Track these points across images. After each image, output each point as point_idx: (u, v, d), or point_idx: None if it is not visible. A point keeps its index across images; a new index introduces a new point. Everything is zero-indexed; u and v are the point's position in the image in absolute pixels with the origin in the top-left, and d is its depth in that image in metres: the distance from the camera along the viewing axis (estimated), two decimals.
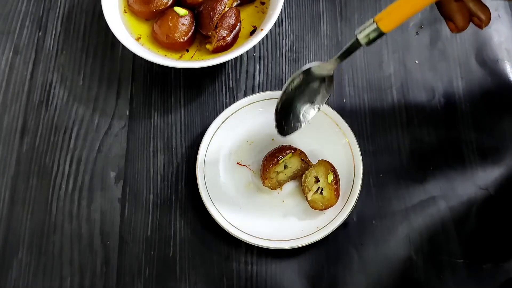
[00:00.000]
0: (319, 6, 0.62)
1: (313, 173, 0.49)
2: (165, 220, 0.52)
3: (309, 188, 0.48)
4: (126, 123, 0.56)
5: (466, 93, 0.57)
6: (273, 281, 0.49)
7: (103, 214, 0.52)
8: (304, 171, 0.50)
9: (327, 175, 0.48)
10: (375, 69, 0.59)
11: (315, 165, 0.49)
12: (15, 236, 0.51)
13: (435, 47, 0.60)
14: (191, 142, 0.55)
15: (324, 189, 0.48)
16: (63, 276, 0.50)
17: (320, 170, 0.49)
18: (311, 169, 0.49)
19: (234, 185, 0.52)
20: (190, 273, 0.50)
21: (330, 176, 0.48)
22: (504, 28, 0.61)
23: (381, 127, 0.56)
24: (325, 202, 0.48)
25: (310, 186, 0.48)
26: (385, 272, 0.49)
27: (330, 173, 0.48)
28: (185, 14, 0.54)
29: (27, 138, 0.56)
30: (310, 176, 0.49)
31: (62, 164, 0.54)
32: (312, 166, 0.49)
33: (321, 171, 0.49)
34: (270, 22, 0.53)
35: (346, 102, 0.57)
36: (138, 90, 0.58)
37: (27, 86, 0.58)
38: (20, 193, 0.53)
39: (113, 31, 0.53)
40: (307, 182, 0.49)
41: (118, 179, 0.54)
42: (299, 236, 0.48)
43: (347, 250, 0.50)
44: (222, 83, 0.58)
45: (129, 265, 0.50)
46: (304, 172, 0.50)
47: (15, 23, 0.61)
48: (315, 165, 0.49)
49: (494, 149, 0.55)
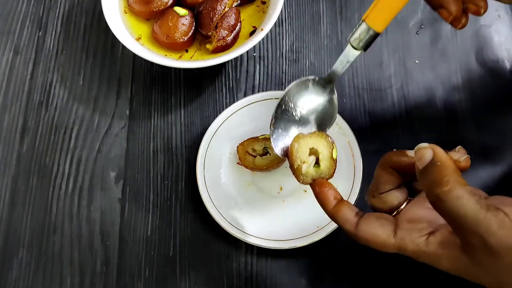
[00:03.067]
0: (319, 6, 0.62)
1: (308, 143, 0.40)
2: (165, 220, 0.52)
3: (302, 160, 0.39)
4: (126, 123, 0.56)
5: (466, 93, 0.57)
6: (273, 281, 0.49)
7: (103, 214, 0.52)
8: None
9: (332, 149, 0.40)
10: (375, 69, 0.59)
11: (310, 135, 0.41)
12: (15, 236, 0.51)
13: (435, 47, 0.60)
14: (191, 142, 0.55)
15: (325, 162, 0.40)
16: (63, 276, 0.50)
17: (320, 143, 0.40)
18: (306, 139, 0.40)
19: (234, 185, 0.52)
20: (190, 273, 0.50)
21: (335, 151, 0.40)
22: (504, 28, 0.61)
23: (381, 127, 0.56)
24: (318, 175, 0.39)
25: (304, 158, 0.40)
26: (385, 272, 0.49)
27: (335, 148, 0.40)
28: (185, 14, 0.54)
29: (27, 138, 0.56)
30: (304, 147, 0.40)
31: (62, 164, 0.54)
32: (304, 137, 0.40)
33: (321, 143, 0.40)
34: (270, 22, 0.53)
35: (346, 102, 0.57)
36: (138, 90, 0.58)
37: (27, 86, 0.58)
38: (20, 193, 0.53)
39: (113, 31, 0.53)
40: (299, 152, 0.40)
41: (118, 179, 0.54)
42: (299, 236, 0.48)
43: (347, 250, 0.50)
44: (222, 83, 0.58)
45: (129, 265, 0.50)
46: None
47: (15, 23, 0.61)
48: (310, 135, 0.41)
49: (494, 149, 0.55)
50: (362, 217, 0.33)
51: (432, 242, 0.30)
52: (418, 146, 0.30)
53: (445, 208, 0.28)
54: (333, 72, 0.40)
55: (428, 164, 0.29)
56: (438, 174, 0.28)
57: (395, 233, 0.31)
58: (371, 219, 0.32)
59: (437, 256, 0.30)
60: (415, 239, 0.30)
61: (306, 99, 0.41)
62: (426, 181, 0.29)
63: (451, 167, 0.28)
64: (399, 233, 0.31)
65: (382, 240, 0.31)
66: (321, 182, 0.37)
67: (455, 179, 0.28)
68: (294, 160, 0.39)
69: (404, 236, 0.31)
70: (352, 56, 0.38)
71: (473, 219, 0.27)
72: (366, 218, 0.33)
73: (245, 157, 0.51)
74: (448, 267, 0.30)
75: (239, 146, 0.51)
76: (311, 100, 0.41)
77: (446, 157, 0.29)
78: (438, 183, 0.28)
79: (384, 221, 0.32)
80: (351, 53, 0.38)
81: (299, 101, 0.41)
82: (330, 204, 0.35)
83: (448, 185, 0.28)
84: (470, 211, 0.27)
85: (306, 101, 0.41)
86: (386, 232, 0.31)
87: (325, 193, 0.35)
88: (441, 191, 0.28)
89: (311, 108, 0.41)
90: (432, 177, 0.28)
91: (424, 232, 0.31)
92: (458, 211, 0.27)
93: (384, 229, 0.32)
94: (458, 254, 0.29)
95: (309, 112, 0.41)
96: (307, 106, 0.41)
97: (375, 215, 0.33)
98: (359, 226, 0.32)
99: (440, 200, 0.28)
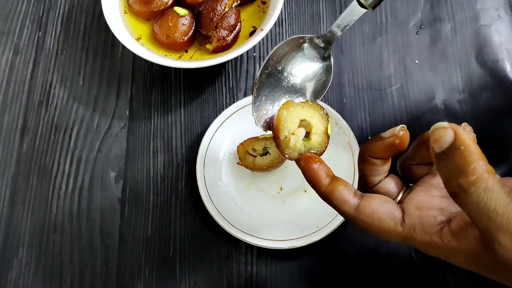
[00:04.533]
0: (319, 6, 0.62)
1: (300, 113, 0.33)
2: (165, 220, 0.52)
3: (290, 130, 0.33)
4: (126, 123, 0.56)
5: (466, 93, 0.57)
6: (273, 281, 0.49)
7: (103, 214, 0.52)
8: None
9: (327, 124, 0.34)
10: (375, 69, 0.59)
11: (303, 104, 0.33)
12: (15, 236, 0.51)
13: (435, 47, 0.60)
14: (191, 142, 0.55)
15: (316, 136, 0.33)
16: (63, 276, 0.50)
17: (313, 114, 0.33)
18: (297, 108, 0.33)
19: (234, 185, 0.52)
20: (190, 273, 0.50)
21: (329, 126, 0.34)
22: (504, 28, 0.61)
23: (381, 127, 0.56)
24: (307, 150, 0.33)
25: (293, 129, 0.33)
26: (385, 272, 0.49)
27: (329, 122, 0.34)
28: (185, 14, 0.54)
29: (27, 138, 0.56)
30: (294, 116, 0.33)
31: (62, 164, 0.54)
32: (295, 105, 0.33)
33: (314, 115, 0.33)
34: (270, 22, 0.53)
35: (346, 102, 0.57)
36: (138, 90, 0.58)
37: (27, 86, 0.58)
38: (20, 193, 0.53)
39: (113, 31, 0.53)
40: (288, 122, 0.33)
41: (118, 179, 0.54)
42: (299, 236, 0.48)
43: (347, 250, 0.50)
44: (222, 83, 0.58)
45: (129, 265, 0.50)
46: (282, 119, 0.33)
47: (15, 23, 0.61)
48: (303, 104, 0.33)
49: (494, 149, 0.55)
50: (362, 197, 0.29)
51: (446, 233, 0.26)
52: (436, 126, 0.25)
53: (470, 201, 0.24)
54: (332, 31, 0.34)
55: (449, 147, 0.24)
56: (462, 160, 0.24)
57: (403, 220, 0.27)
58: (375, 201, 0.29)
59: (451, 250, 0.26)
60: (427, 228, 0.27)
61: (298, 63, 0.35)
62: (445, 168, 0.25)
63: (478, 153, 0.24)
64: (408, 221, 0.27)
65: (387, 226, 0.28)
66: (309, 156, 0.31)
67: (483, 167, 0.24)
68: (281, 130, 0.33)
69: (415, 224, 0.27)
70: (357, 14, 0.33)
71: (503, 214, 0.23)
72: (369, 199, 0.29)
73: (245, 157, 0.51)
74: (463, 262, 0.26)
75: (239, 146, 0.51)
76: (303, 64, 0.35)
77: (470, 140, 0.24)
78: (462, 172, 0.24)
79: (391, 205, 0.29)
80: (356, 11, 0.32)
81: (290, 64, 0.35)
82: (323, 182, 0.30)
83: (475, 174, 0.23)
84: (500, 206, 0.23)
85: (298, 65, 0.35)
86: (393, 219, 0.28)
87: (315, 170, 0.30)
88: (465, 181, 0.23)
89: (303, 73, 0.35)
90: (454, 164, 0.24)
91: (437, 220, 0.27)
92: (486, 205, 0.23)
93: (390, 214, 0.28)
94: (477, 249, 0.25)
95: (301, 78, 0.35)
96: (299, 71, 0.35)
97: (381, 197, 0.29)
98: (360, 207, 0.28)
99: (464, 191, 0.24)
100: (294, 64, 0.35)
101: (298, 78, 0.35)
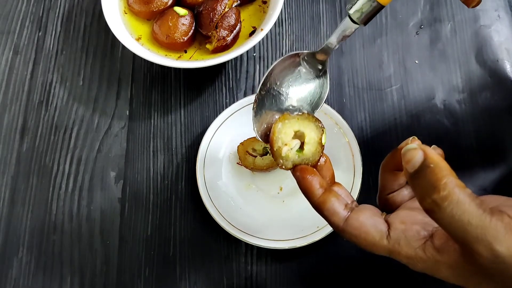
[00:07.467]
0: (319, 7, 0.62)
1: (294, 125, 0.35)
2: (165, 220, 0.52)
3: (283, 141, 0.35)
4: (126, 123, 0.56)
5: (465, 93, 0.57)
6: (273, 281, 0.49)
7: (103, 214, 0.52)
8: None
9: (321, 134, 0.35)
10: (375, 70, 0.59)
11: (298, 117, 0.35)
12: (15, 235, 0.51)
13: (435, 47, 0.60)
14: (191, 142, 0.55)
15: (309, 146, 0.35)
16: (63, 276, 0.50)
17: (307, 126, 0.35)
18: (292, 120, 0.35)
19: (234, 185, 0.52)
20: (190, 273, 0.50)
21: (324, 136, 0.35)
22: (504, 28, 0.61)
23: (381, 127, 0.56)
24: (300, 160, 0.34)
25: (287, 140, 0.35)
26: (385, 272, 0.49)
27: (325, 133, 0.35)
28: (185, 14, 0.54)
29: (27, 138, 0.56)
30: (288, 128, 0.35)
31: (62, 164, 0.54)
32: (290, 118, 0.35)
33: (308, 127, 0.35)
34: (270, 22, 0.53)
35: (346, 102, 0.57)
36: (138, 90, 0.58)
37: (27, 86, 0.58)
38: (20, 193, 0.53)
39: (113, 31, 0.53)
40: (282, 133, 0.35)
41: (118, 179, 0.54)
42: (299, 236, 0.48)
43: (347, 250, 0.50)
44: (222, 83, 0.58)
45: (129, 264, 0.50)
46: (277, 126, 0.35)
47: (15, 23, 0.61)
48: (298, 117, 0.35)
49: (494, 149, 0.55)
50: (352, 210, 0.30)
51: (429, 247, 0.27)
52: (406, 148, 0.27)
53: (445, 215, 0.24)
54: (327, 46, 0.35)
55: (420, 167, 0.26)
56: (433, 177, 0.25)
57: (388, 234, 0.28)
58: (363, 215, 0.29)
59: (435, 263, 0.27)
60: (411, 242, 0.27)
61: (294, 79, 0.37)
62: (418, 186, 0.26)
63: (447, 168, 0.25)
64: (393, 234, 0.28)
65: (373, 240, 0.28)
66: (304, 168, 0.33)
67: (453, 181, 0.24)
68: (275, 141, 0.35)
69: (399, 238, 0.28)
70: (349, 30, 0.34)
71: (477, 225, 0.24)
72: (358, 212, 0.29)
73: (245, 157, 0.51)
74: (448, 275, 0.27)
75: (239, 146, 0.51)
76: (300, 85, 0.37)
77: (439, 158, 0.25)
78: (435, 188, 0.24)
79: (378, 219, 0.29)
80: (349, 27, 0.33)
81: (287, 82, 0.36)
82: (316, 193, 0.31)
83: (446, 189, 0.24)
84: (473, 217, 0.24)
85: (294, 86, 0.37)
86: (379, 232, 0.28)
87: (308, 181, 0.31)
88: (438, 196, 0.24)
89: (300, 92, 0.37)
90: (426, 181, 0.25)
91: (420, 235, 0.28)
92: (460, 218, 0.24)
93: (377, 227, 0.29)
94: (459, 262, 0.26)
95: (297, 97, 0.37)
96: (295, 90, 0.37)
97: (369, 210, 0.30)
98: (349, 221, 0.29)
99: (438, 206, 0.24)
100: (291, 84, 0.37)
101: (295, 96, 0.37)
